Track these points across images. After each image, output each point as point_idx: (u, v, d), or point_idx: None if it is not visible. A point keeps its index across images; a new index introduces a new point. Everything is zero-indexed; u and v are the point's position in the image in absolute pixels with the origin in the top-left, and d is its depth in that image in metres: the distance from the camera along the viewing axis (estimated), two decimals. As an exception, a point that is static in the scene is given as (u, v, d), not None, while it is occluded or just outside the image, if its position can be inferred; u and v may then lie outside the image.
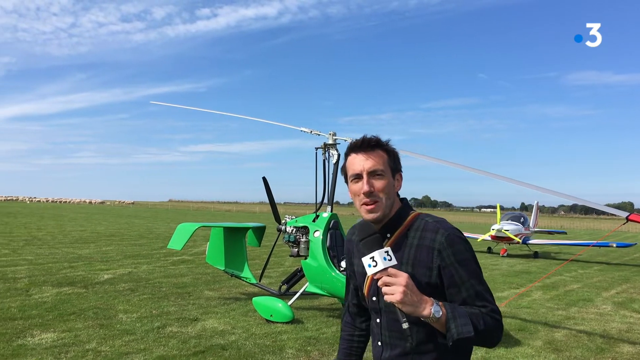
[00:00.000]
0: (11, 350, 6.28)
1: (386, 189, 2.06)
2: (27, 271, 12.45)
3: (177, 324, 7.97)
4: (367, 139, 2.10)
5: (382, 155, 2.09)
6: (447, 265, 1.98)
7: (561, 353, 7.37)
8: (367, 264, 1.88)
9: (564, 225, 68.99)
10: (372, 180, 2.04)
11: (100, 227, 31.94)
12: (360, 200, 2.06)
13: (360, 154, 2.08)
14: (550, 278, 15.42)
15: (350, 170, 2.11)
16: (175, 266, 14.72)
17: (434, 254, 2.00)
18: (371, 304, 2.18)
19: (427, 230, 2.06)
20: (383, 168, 2.06)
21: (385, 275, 1.85)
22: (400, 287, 1.82)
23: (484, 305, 1.98)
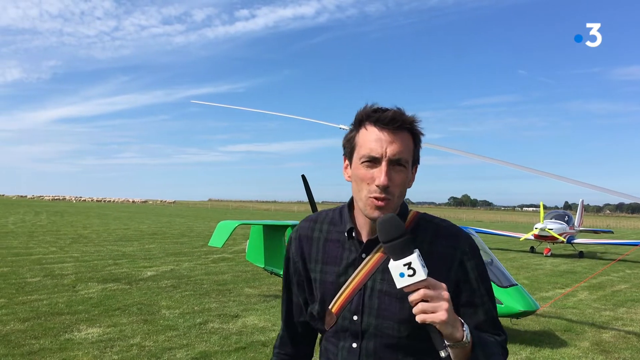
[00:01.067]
0: (58, 345, 6.46)
1: (403, 185, 1.56)
2: (73, 268, 12.81)
3: (219, 320, 8.05)
4: (398, 113, 1.54)
5: (409, 141, 1.56)
6: (469, 280, 1.59)
7: (609, 354, 7.14)
8: (399, 272, 1.38)
9: (610, 224, 67.00)
10: (392, 170, 1.52)
11: (143, 225, 32.63)
12: (368, 191, 1.53)
13: (385, 132, 1.53)
14: (596, 278, 14.97)
15: (364, 148, 1.54)
16: (216, 264, 14.90)
17: (454, 264, 1.58)
18: (346, 325, 1.63)
19: (441, 234, 1.63)
20: (408, 158, 1.55)
21: (424, 287, 1.36)
22: (445, 302, 1.36)
23: (499, 334, 1.62)
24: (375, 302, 1.59)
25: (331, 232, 1.71)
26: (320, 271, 1.69)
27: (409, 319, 1.49)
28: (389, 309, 1.57)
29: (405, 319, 1.54)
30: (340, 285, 1.63)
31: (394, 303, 1.56)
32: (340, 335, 1.65)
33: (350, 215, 1.68)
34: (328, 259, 1.68)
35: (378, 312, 1.58)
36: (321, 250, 1.71)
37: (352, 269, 1.63)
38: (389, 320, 1.57)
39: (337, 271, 1.65)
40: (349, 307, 1.62)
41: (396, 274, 1.39)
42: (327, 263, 1.68)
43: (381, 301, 1.58)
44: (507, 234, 27.82)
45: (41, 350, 6.18)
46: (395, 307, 1.57)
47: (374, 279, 1.60)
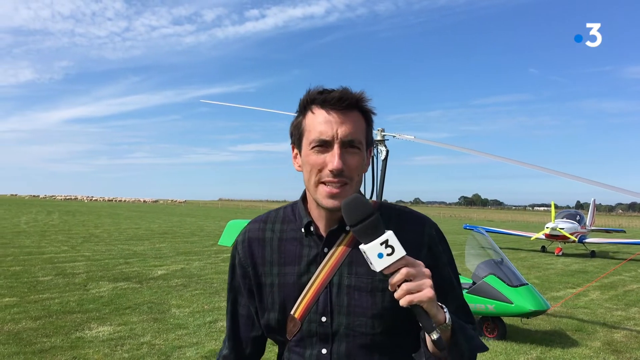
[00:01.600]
0: (70, 343, 6.51)
1: (360, 168, 1.44)
2: (85, 267, 12.90)
3: (228, 319, 8.07)
4: (346, 93, 1.43)
5: (360, 121, 1.46)
6: (439, 266, 1.47)
7: (621, 354, 7.08)
8: (377, 253, 1.25)
9: (622, 224, 66.43)
10: (345, 153, 1.41)
11: (153, 225, 32.80)
12: (320, 177, 1.41)
13: (333, 112, 1.42)
14: (608, 278, 14.85)
15: (312, 132, 1.43)
16: (226, 263, 14.93)
17: (423, 250, 1.47)
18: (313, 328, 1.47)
19: (407, 220, 1.52)
20: (361, 139, 1.44)
21: (404, 265, 1.25)
22: (428, 278, 1.25)
23: (471, 322, 1.52)
24: (344, 299, 1.45)
25: (285, 231, 1.56)
26: (278, 274, 1.52)
27: (382, 314, 1.43)
28: (360, 304, 1.44)
29: (378, 313, 1.43)
30: (302, 285, 1.48)
31: (365, 297, 1.44)
32: (307, 342, 1.48)
33: (305, 209, 1.53)
34: (286, 259, 1.53)
35: (348, 309, 1.44)
36: (276, 251, 1.55)
37: (315, 266, 1.48)
38: (362, 317, 1.44)
39: (297, 271, 1.50)
40: (315, 308, 1.46)
41: (374, 256, 1.26)
42: (285, 264, 1.52)
43: (350, 297, 1.44)
44: (518, 234, 27.70)
45: (52, 349, 6.24)
46: (366, 301, 1.44)
47: (340, 274, 1.46)
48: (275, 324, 1.52)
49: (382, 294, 1.43)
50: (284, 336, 1.52)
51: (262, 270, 1.56)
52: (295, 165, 1.53)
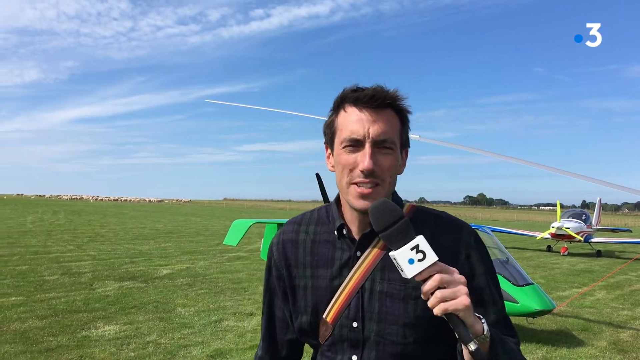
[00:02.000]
0: (76, 342, 6.53)
1: (393, 169, 1.39)
2: (90, 266, 12.95)
3: (234, 318, 8.09)
4: (379, 90, 1.38)
5: (394, 120, 1.41)
6: (477, 276, 1.41)
7: (627, 354, 7.06)
8: (408, 258, 1.19)
9: (629, 223, 66.17)
10: (377, 153, 1.36)
11: (159, 224, 32.87)
12: (351, 177, 1.38)
13: (365, 111, 1.38)
14: (614, 277, 14.79)
15: (344, 131, 1.40)
16: (231, 262, 14.97)
17: (460, 258, 1.40)
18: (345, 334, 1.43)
19: (443, 226, 1.46)
20: (394, 139, 1.39)
21: (437, 271, 1.18)
22: (463, 285, 1.18)
23: (512, 335, 1.42)
24: (375, 305, 1.41)
25: (319, 233, 1.53)
26: (311, 276, 1.50)
27: (414, 323, 1.38)
28: (392, 312, 1.39)
29: (410, 322, 1.38)
30: (335, 289, 1.45)
31: (397, 305, 1.39)
32: (338, 348, 1.45)
33: (339, 211, 1.50)
34: (318, 262, 1.50)
35: (379, 316, 1.40)
36: (309, 253, 1.52)
37: (347, 270, 1.45)
38: (393, 325, 1.39)
39: (330, 274, 1.47)
40: (347, 313, 1.42)
41: (404, 262, 1.19)
42: (318, 267, 1.49)
43: (382, 303, 1.40)
44: (524, 233, 27.57)
45: (59, 347, 6.26)
46: (398, 309, 1.39)
47: (372, 279, 1.42)
48: (308, 327, 1.50)
49: (415, 302, 1.38)
50: (317, 340, 1.50)
51: (295, 273, 1.54)
52: (328, 165, 1.50)
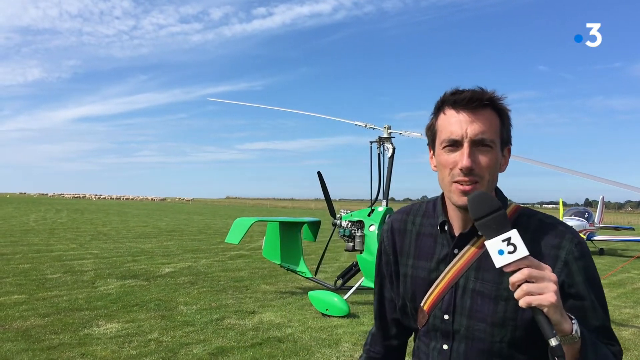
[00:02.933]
0: (78, 340, 6.54)
1: (492, 167, 1.44)
2: (93, 264, 12.97)
3: (235, 316, 8.10)
4: (477, 92, 1.45)
5: (493, 119, 1.46)
6: (576, 284, 1.42)
7: (629, 352, 7.05)
8: (498, 249, 1.25)
9: (632, 221, 65.82)
10: (476, 152, 1.42)
11: (161, 223, 32.92)
12: (452, 176, 1.45)
13: (463, 112, 1.44)
14: (616, 275, 14.77)
15: (443, 132, 1.47)
16: (233, 261, 14.98)
17: (558, 264, 1.42)
18: (437, 324, 1.54)
19: (545, 231, 1.47)
20: (493, 137, 1.44)
21: (527, 265, 1.22)
22: (552, 283, 1.21)
23: (612, 344, 1.43)
24: (467, 302, 1.49)
25: (424, 225, 1.64)
26: (412, 266, 1.62)
27: (503, 322, 1.44)
28: (482, 310, 1.46)
29: (499, 322, 1.44)
30: (431, 281, 1.55)
31: (488, 304, 1.46)
32: (432, 335, 1.57)
33: (443, 207, 1.58)
34: (420, 253, 1.61)
35: (470, 312, 1.48)
36: (413, 244, 1.63)
37: (444, 265, 1.54)
38: (482, 323, 1.46)
39: (428, 267, 1.57)
40: (440, 305, 1.53)
41: (494, 252, 1.25)
42: (419, 258, 1.61)
43: (474, 301, 1.48)
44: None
45: (61, 345, 6.28)
46: (488, 308, 1.45)
47: (466, 277, 1.50)
48: (407, 311, 1.65)
49: (506, 303, 1.43)
50: (415, 324, 1.63)
51: (400, 260, 1.67)
52: (431, 166, 1.57)
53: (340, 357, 6.28)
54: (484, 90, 1.46)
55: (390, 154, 9.03)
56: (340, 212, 9.42)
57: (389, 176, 9.08)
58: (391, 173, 9.07)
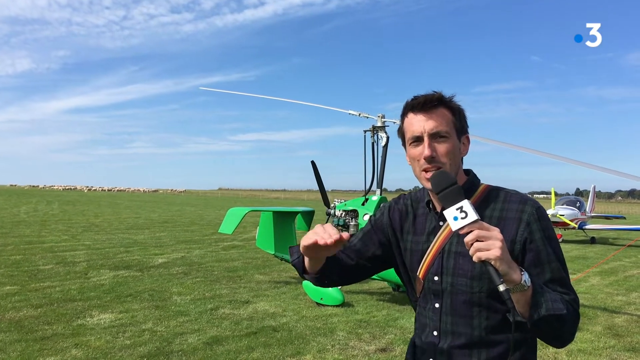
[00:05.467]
0: (71, 330, 6.51)
1: (450, 153, 1.77)
2: (85, 255, 12.90)
3: (230, 306, 8.08)
4: (428, 96, 1.79)
5: (445, 114, 1.80)
6: (535, 240, 1.72)
7: (622, 338, 7.09)
8: (453, 216, 1.54)
9: (622, 210, 66.45)
10: (435, 143, 1.76)
11: (153, 214, 32.81)
12: (420, 165, 1.78)
13: (420, 114, 1.79)
14: (608, 263, 14.88)
15: (408, 133, 1.82)
16: (226, 251, 14.95)
17: (521, 225, 1.73)
18: (430, 286, 1.85)
19: (511, 201, 1.80)
20: (447, 129, 1.78)
21: (477, 228, 1.51)
22: (498, 240, 1.49)
23: (567, 293, 1.70)
24: (451, 263, 1.79)
25: (418, 208, 1.97)
26: (411, 241, 1.94)
27: (480, 276, 1.73)
28: (463, 267, 1.76)
29: (476, 275, 1.74)
30: (424, 252, 1.86)
31: (467, 262, 1.73)
32: (427, 298, 1.87)
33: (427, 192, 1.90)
34: (416, 230, 1.93)
35: (454, 270, 1.79)
36: (412, 223, 1.95)
37: (433, 236, 1.86)
38: (463, 277, 1.77)
39: (421, 240, 1.89)
40: (431, 269, 1.83)
41: (450, 218, 1.55)
42: (415, 234, 1.93)
43: (456, 261, 1.78)
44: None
45: (54, 336, 6.23)
46: (468, 265, 1.74)
47: (450, 242, 1.81)
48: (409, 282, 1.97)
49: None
50: (415, 294, 1.95)
51: (400, 237, 1.98)
52: (408, 161, 1.88)
53: (335, 346, 6.28)
54: (435, 93, 1.81)
55: (384, 143, 9.00)
56: (334, 202, 9.39)
57: (383, 165, 9.05)
58: (385, 162, 9.05)
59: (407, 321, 7.49)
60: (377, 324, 7.34)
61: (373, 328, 7.11)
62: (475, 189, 1.87)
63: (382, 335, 6.81)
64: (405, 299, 9.00)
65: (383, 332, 6.92)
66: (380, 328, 7.12)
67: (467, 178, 1.89)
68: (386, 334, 6.87)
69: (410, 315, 7.83)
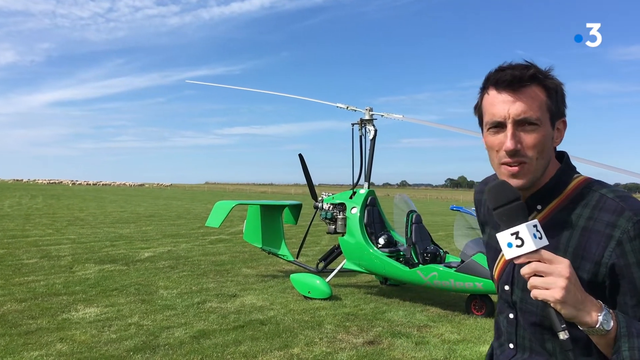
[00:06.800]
0: (56, 324, 6.43)
1: (540, 145, 1.41)
2: (70, 249, 12.77)
3: (217, 299, 8.04)
4: (517, 70, 1.41)
5: (538, 95, 1.41)
6: (628, 265, 1.34)
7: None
8: (507, 242, 1.29)
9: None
10: (521, 132, 1.40)
11: (139, 208, 32.57)
12: (499, 157, 1.45)
13: (504, 93, 1.42)
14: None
15: (487, 115, 1.47)
16: (213, 245, 14.89)
17: (611, 244, 1.35)
18: (502, 294, 1.61)
19: (603, 208, 1.40)
20: (539, 115, 1.41)
21: (537, 260, 1.25)
22: (562, 279, 1.22)
23: None
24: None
25: None
26: (489, 235, 1.70)
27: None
28: None
29: None
30: (498, 251, 1.55)
31: None
32: (503, 306, 1.64)
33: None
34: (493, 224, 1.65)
35: (524, 285, 1.42)
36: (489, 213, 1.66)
37: None
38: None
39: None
40: (503, 276, 1.59)
41: (504, 244, 1.30)
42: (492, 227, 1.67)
43: None
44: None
45: (39, 330, 6.16)
46: None
47: None
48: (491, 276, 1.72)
49: None
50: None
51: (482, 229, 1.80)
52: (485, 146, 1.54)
53: (323, 339, 6.27)
54: (527, 66, 1.42)
55: (372, 136, 8.99)
56: (322, 195, 9.38)
57: (371, 158, 9.05)
58: (373, 155, 9.04)
59: (394, 314, 7.51)
60: (364, 316, 7.35)
61: (361, 321, 7.11)
62: (565, 185, 1.49)
63: (369, 328, 6.81)
64: (393, 292, 9.02)
65: (371, 325, 6.92)
66: (368, 321, 7.12)
67: (555, 173, 1.50)
68: (374, 326, 6.87)
69: (398, 309, 7.85)
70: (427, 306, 8.15)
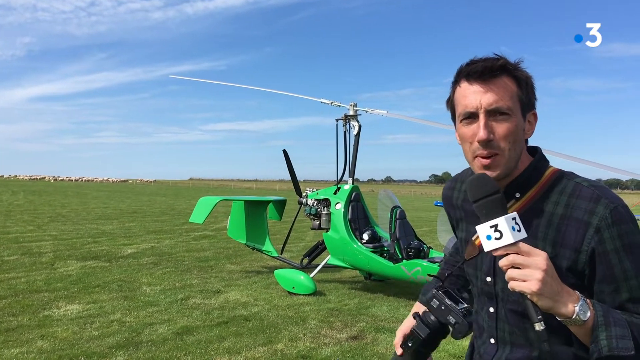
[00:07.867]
0: (37, 321, 6.36)
1: (512, 135, 1.42)
2: (52, 246, 12.63)
3: (200, 296, 8.00)
4: (488, 61, 1.42)
5: (508, 86, 1.43)
6: (607, 251, 1.35)
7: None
8: (486, 235, 1.29)
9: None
10: (493, 122, 1.41)
11: (122, 204, 32.31)
12: (472, 150, 1.45)
13: (476, 84, 1.43)
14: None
15: (459, 106, 1.47)
16: (197, 241, 14.82)
17: (589, 231, 1.37)
18: (483, 287, 1.59)
19: (580, 196, 1.41)
20: (510, 104, 1.41)
21: (514, 252, 1.26)
22: (538, 271, 1.24)
23: None
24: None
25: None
26: (465, 230, 1.70)
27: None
28: None
29: None
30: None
31: None
32: (481, 299, 1.63)
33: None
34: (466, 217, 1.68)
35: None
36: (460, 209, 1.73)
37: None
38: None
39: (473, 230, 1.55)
40: (484, 268, 1.57)
41: (483, 237, 1.31)
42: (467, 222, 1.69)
43: None
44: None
45: (20, 327, 6.08)
46: None
47: None
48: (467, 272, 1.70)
49: None
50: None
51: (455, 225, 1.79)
52: (457, 140, 1.55)
53: (307, 334, 6.27)
54: (497, 58, 1.44)
55: (356, 132, 9.01)
56: (307, 191, 9.37)
57: (355, 154, 9.06)
58: (357, 150, 9.05)
59: (378, 309, 7.53)
60: (349, 312, 7.36)
61: (345, 316, 7.13)
62: (540, 174, 1.50)
63: (353, 323, 6.83)
64: (377, 287, 9.05)
65: (355, 320, 6.94)
66: (352, 316, 7.14)
67: (530, 162, 1.52)
68: (358, 322, 6.89)
69: (382, 304, 7.88)
70: (411, 301, 8.19)
